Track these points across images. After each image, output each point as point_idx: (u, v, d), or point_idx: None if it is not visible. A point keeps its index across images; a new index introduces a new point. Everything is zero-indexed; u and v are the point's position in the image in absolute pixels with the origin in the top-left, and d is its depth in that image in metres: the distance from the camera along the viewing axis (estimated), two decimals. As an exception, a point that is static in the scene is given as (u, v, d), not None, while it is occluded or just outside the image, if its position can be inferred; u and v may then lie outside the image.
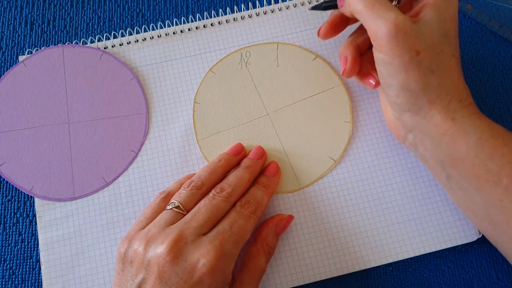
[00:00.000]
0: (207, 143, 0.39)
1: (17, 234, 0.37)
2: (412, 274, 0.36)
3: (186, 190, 0.33)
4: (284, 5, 0.42)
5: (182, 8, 0.44)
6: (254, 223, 0.33)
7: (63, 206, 0.37)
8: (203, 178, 0.34)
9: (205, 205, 0.32)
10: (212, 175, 0.35)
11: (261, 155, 0.37)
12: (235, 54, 0.41)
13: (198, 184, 0.34)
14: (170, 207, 0.32)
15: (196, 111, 0.39)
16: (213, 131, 0.39)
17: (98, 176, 0.38)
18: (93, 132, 0.39)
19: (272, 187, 0.36)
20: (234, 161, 0.36)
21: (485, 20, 0.42)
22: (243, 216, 0.32)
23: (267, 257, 0.34)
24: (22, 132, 0.39)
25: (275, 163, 0.37)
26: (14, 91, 0.39)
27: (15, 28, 0.43)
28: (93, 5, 0.44)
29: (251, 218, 0.33)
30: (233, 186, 0.34)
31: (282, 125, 0.39)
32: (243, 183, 0.35)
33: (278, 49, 0.41)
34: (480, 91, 0.41)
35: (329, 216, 0.37)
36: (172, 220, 0.32)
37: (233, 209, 0.33)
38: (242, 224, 0.32)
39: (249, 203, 0.33)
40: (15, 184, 0.37)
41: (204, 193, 0.34)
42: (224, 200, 0.33)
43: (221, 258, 0.29)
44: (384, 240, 0.36)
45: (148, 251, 0.30)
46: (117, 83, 0.40)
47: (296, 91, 0.40)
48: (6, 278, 0.36)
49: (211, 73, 0.40)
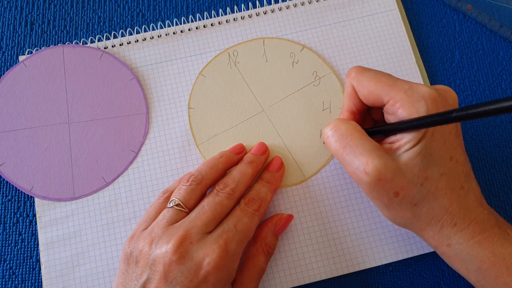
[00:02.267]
0: (207, 147, 0.39)
1: (17, 234, 0.37)
2: (412, 274, 0.36)
3: (185, 186, 0.33)
4: (284, 5, 0.42)
5: (182, 8, 0.44)
6: (258, 221, 0.33)
7: (63, 206, 0.37)
8: (203, 173, 0.34)
9: (209, 203, 0.32)
10: (213, 170, 0.34)
11: (264, 150, 0.37)
12: (222, 54, 0.41)
13: (198, 179, 0.33)
14: (171, 205, 0.32)
15: (191, 116, 0.39)
16: (211, 134, 0.39)
17: (98, 176, 0.38)
18: (93, 132, 0.39)
19: (276, 182, 0.36)
20: (235, 159, 0.36)
21: (485, 20, 0.42)
22: (248, 214, 0.32)
23: (266, 257, 0.34)
24: (22, 132, 0.39)
25: (279, 158, 0.37)
26: (14, 91, 0.39)
27: (15, 28, 0.43)
28: (93, 5, 0.44)
29: (255, 216, 0.33)
30: (237, 182, 0.34)
31: (279, 119, 0.39)
32: (247, 178, 0.34)
33: (265, 44, 0.41)
34: (479, 91, 0.41)
35: (332, 210, 0.37)
36: (174, 218, 0.31)
37: (238, 207, 0.33)
38: (246, 223, 0.32)
39: (254, 201, 0.33)
40: (15, 184, 0.37)
41: (204, 188, 0.34)
42: (227, 197, 0.33)
43: (226, 257, 0.29)
44: (383, 240, 0.36)
45: (153, 251, 0.30)
46: (117, 83, 0.40)
47: (288, 84, 0.40)
48: (6, 278, 0.36)
49: (201, 77, 0.40)
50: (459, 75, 0.41)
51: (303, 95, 0.40)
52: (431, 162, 0.28)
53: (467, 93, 0.41)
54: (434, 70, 0.42)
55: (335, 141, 0.30)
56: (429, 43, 0.42)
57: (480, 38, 0.43)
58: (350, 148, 0.29)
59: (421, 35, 0.43)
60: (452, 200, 0.29)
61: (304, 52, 0.41)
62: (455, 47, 0.42)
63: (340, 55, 0.41)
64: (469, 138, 0.40)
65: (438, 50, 0.42)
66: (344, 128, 0.31)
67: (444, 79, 0.41)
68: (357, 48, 0.41)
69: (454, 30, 0.43)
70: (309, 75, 0.40)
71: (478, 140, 0.40)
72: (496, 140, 0.40)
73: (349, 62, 0.41)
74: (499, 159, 0.39)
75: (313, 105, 0.39)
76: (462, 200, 0.29)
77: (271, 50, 0.41)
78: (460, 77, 0.41)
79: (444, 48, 0.42)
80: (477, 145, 0.40)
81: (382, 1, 0.42)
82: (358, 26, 0.42)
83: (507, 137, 0.40)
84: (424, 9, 0.43)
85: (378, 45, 0.41)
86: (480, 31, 0.43)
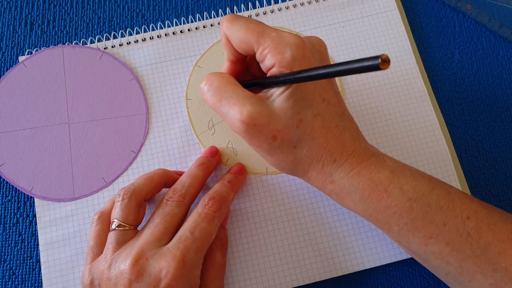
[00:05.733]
0: (207, 137, 0.39)
1: (17, 234, 0.37)
2: (412, 274, 0.36)
3: (119, 202, 0.32)
4: (284, 5, 0.42)
5: (182, 8, 0.44)
6: (218, 223, 0.32)
7: (63, 207, 0.37)
8: (135, 184, 0.33)
9: (159, 215, 0.32)
10: (147, 181, 0.34)
11: (215, 153, 0.37)
12: (217, 45, 0.41)
13: (129, 190, 0.32)
14: (113, 228, 0.32)
15: (189, 107, 0.40)
16: (211, 123, 0.39)
17: (98, 177, 0.38)
18: (93, 132, 0.39)
19: (237, 184, 0.36)
20: (171, 174, 0.36)
21: (485, 20, 0.42)
22: (206, 218, 0.31)
23: (222, 251, 0.33)
24: (22, 133, 0.39)
25: (241, 164, 0.37)
26: (14, 91, 0.39)
27: (15, 28, 0.43)
28: (93, 5, 0.44)
29: (214, 218, 0.32)
30: (186, 186, 0.33)
31: None
32: (197, 181, 0.34)
33: None
34: (479, 91, 0.41)
35: (332, 210, 0.37)
36: (122, 238, 0.31)
37: (195, 210, 0.32)
38: (204, 227, 0.31)
39: (214, 200, 0.32)
40: (15, 184, 0.37)
41: (139, 198, 0.33)
42: (177, 204, 0.32)
43: (183, 267, 0.29)
44: (383, 240, 0.36)
45: (112, 273, 0.30)
46: (117, 83, 0.40)
47: None
48: (6, 278, 0.36)
49: (197, 68, 0.41)
50: (459, 75, 0.41)
51: None
52: (304, 105, 0.29)
53: (467, 93, 0.41)
54: (434, 70, 0.41)
55: (210, 96, 0.30)
56: (429, 43, 0.42)
57: (480, 38, 0.43)
58: (225, 100, 0.29)
59: (421, 35, 0.43)
60: (329, 138, 0.30)
61: None
62: (455, 47, 0.42)
63: (340, 55, 0.41)
64: (469, 138, 0.40)
65: (438, 50, 0.42)
66: (217, 81, 0.30)
67: (444, 79, 0.41)
68: (357, 48, 0.41)
69: (454, 30, 0.43)
70: None
71: (478, 140, 0.40)
72: (496, 140, 0.40)
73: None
74: (499, 159, 0.39)
75: None
76: (338, 137, 0.30)
77: None
78: (460, 77, 0.41)
79: (444, 48, 0.42)
80: (477, 145, 0.40)
81: (382, 1, 0.42)
82: (358, 26, 0.42)
83: (507, 137, 0.40)
84: (424, 9, 0.43)
85: (378, 45, 0.41)
86: (480, 31, 0.43)
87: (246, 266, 0.36)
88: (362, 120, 0.39)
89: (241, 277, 0.35)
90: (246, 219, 0.37)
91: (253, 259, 0.36)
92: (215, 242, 0.33)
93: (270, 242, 0.36)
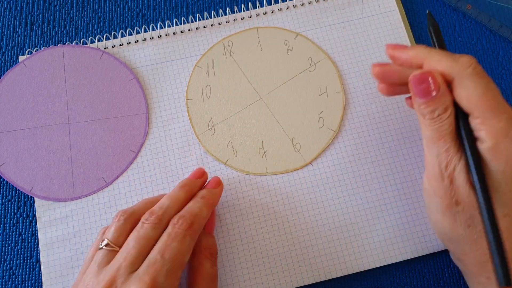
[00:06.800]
0: (207, 137, 0.39)
1: (17, 234, 0.37)
2: (412, 274, 0.37)
3: (114, 222, 0.31)
4: (284, 5, 0.42)
5: (182, 8, 0.44)
6: (191, 240, 0.30)
7: (63, 206, 0.37)
8: (135, 207, 0.32)
9: (134, 238, 0.30)
10: (148, 205, 0.33)
11: (201, 175, 0.35)
12: (217, 46, 0.41)
13: (127, 212, 0.32)
14: (101, 246, 0.31)
15: (190, 108, 0.40)
16: (211, 124, 0.39)
17: (98, 177, 0.38)
18: (93, 132, 0.39)
19: (212, 198, 0.34)
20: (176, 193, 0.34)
21: (485, 20, 0.42)
22: (177, 237, 0.30)
23: (211, 260, 0.32)
24: (22, 133, 0.39)
25: (217, 178, 0.36)
26: (14, 91, 0.39)
27: (15, 28, 0.43)
28: (93, 5, 0.44)
29: (186, 236, 0.30)
30: (165, 208, 0.31)
31: (277, 106, 0.39)
32: (178, 202, 0.32)
33: (259, 33, 0.41)
34: (480, 91, 0.41)
35: (335, 199, 0.37)
36: (105, 260, 0.30)
37: (165, 231, 0.30)
38: (175, 248, 0.29)
39: (184, 218, 0.31)
40: (15, 184, 0.37)
41: (134, 223, 0.32)
42: (153, 227, 0.30)
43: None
44: (383, 241, 0.36)
45: None
46: (117, 83, 0.40)
47: (284, 71, 0.40)
48: (6, 278, 0.36)
49: (197, 68, 0.41)
50: (459, 76, 0.41)
51: (300, 81, 0.40)
52: (496, 199, 0.27)
53: (467, 94, 0.41)
54: (434, 70, 0.41)
55: None
56: (429, 43, 0.42)
57: (480, 38, 0.43)
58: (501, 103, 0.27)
59: (421, 35, 0.43)
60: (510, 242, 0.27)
61: (299, 39, 0.41)
62: (455, 47, 0.42)
63: (340, 56, 0.41)
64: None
65: (438, 50, 0.42)
66: None
67: (444, 80, 0.41)
68: (357, 49, 0.41)
69: (454, 30, 0.43)
70: (304, 62, 0.41)
71: (478, 141, 0.40)
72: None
73: (349, 63, 0.41)
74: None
75: (310, 90, 0.40)
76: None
77: (265, 39, 0.41)
78: (460, 78, 0.41)
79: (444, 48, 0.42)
80: (477, 146, 0.40)
81: (382, 2, 0.42)
82: (358, 27, 0.42)
83: (507, 137, 0.40)
84: (424, 10, 0.43)
85: (379, 46, 0.41)
86: (480, 31, 0.43)
87: (246, 266, 0.36)
88: (363, 120, 0.39)
89: (241, 278, 0.35)
90: (246, 220, 0.37)
91: (253, 260, 0.36)
92: (203, 252, 0.32)
93: (270, 243, 0.36)
